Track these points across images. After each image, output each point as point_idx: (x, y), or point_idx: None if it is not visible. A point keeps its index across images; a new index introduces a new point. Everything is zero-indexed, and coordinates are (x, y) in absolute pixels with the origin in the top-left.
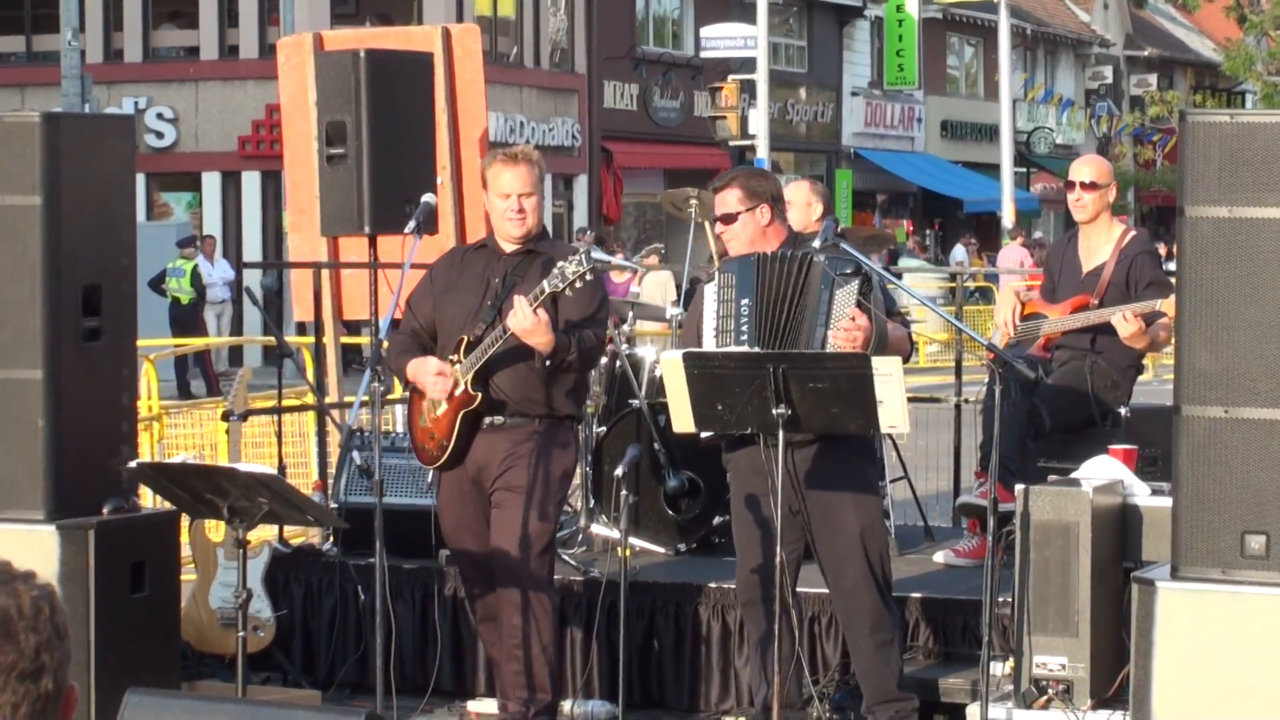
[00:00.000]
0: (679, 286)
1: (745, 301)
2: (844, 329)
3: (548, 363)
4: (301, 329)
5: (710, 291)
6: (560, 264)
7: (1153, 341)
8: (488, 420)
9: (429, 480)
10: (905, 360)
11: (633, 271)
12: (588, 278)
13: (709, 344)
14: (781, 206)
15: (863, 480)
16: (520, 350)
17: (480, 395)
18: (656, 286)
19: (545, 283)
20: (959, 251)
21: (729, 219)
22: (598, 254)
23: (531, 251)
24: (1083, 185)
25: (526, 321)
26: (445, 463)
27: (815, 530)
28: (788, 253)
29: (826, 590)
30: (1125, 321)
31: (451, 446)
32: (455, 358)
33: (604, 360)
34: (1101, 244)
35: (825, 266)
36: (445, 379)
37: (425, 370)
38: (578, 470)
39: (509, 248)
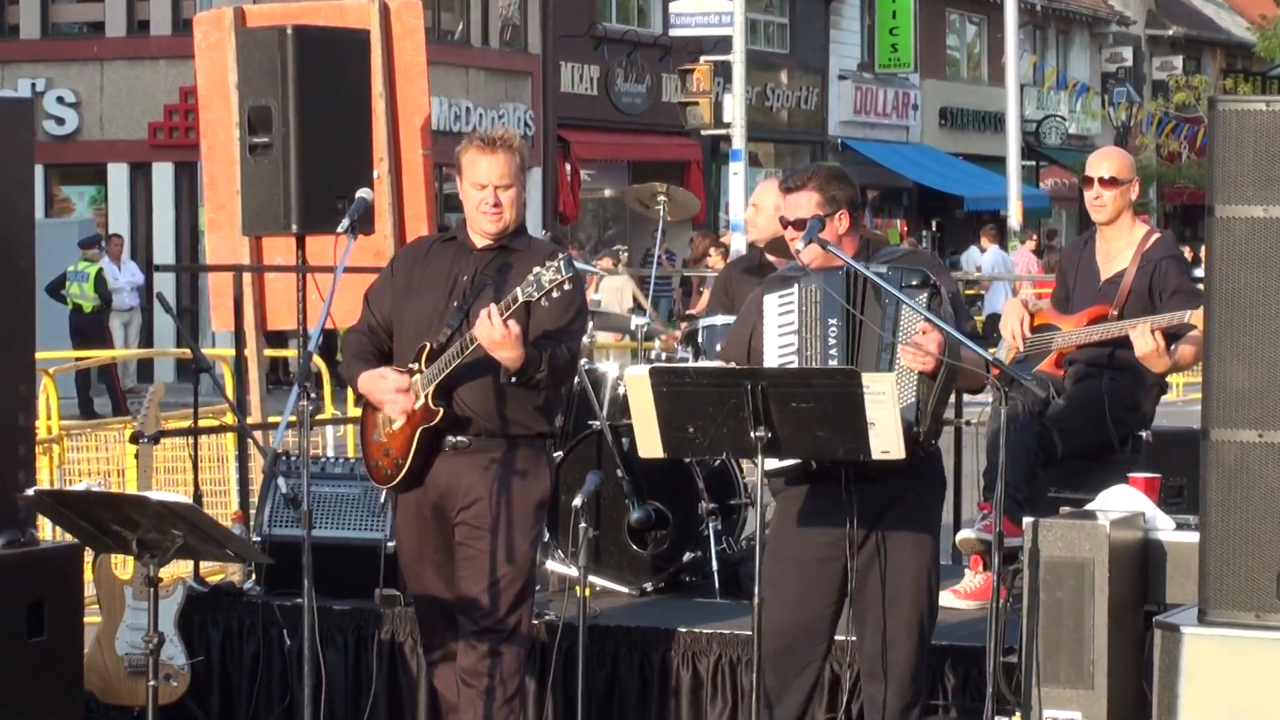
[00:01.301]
0: (646, 292)
1: (833, 321)
2: (914, 343)
3: (514, 380)
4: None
5: (775, 304)
6: (537, 270)
7: (1175, 363)
8: (451, 442)
9: (381, 501)
10: (976, 393)
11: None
12: (565, 286)
13: (772, 363)
14: (859, 213)
15: (932, 522)
16: (487, 362)
17: (442, 410)
18: (613, 293)
19: (519, 290)
20: (975, 254)
21: (805, 226)
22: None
23: (506, 248)
24: (1101, 182)
25: (495, 333)
26: (400, 483)
27: (882, 569)
28: (857, 267)
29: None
30: (1144, 338)
31: (408, 466)
32: (416, 366)
33: None
34: (1122, 247)
35: (889, 277)
36: (405, 398)
37: (383, 387)
38: None
39: (481, 243)
